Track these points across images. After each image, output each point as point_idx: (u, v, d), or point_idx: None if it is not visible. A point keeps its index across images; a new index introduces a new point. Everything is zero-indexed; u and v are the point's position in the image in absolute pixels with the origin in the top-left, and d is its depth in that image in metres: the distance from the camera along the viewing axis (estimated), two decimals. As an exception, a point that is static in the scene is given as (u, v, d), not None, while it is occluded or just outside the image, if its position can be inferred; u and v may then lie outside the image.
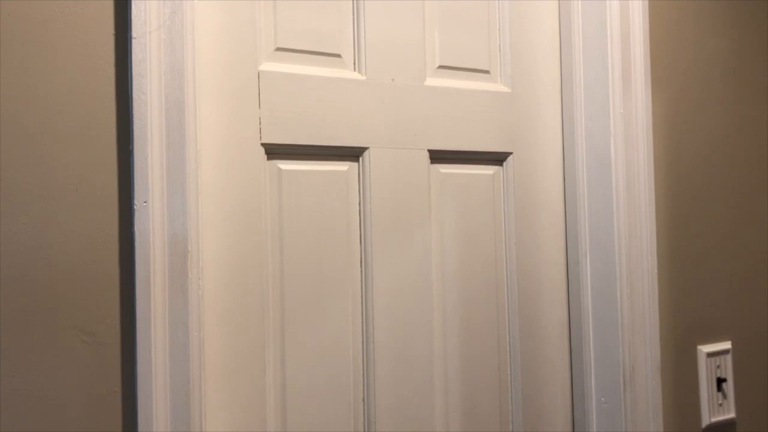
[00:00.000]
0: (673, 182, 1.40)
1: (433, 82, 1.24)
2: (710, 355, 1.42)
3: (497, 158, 1.31)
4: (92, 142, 0.94)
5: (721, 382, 1.44)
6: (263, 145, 1.09)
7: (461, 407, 1.25)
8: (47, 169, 0.91)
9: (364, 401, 1.17)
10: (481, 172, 1.30)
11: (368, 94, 1.18)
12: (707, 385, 1.41)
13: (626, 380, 1.28)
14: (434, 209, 1.24)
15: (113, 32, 0.95)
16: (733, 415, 1.45)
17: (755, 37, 1.55)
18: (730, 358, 1.45)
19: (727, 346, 1.46)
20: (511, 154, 1.32)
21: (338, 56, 1.17)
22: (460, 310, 1.26)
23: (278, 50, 1.12)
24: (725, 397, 1.44)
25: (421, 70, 1.23)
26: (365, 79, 1.18)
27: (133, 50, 0.94)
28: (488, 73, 1.31)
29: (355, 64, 1.19)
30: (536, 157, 1.34)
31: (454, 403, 1.25)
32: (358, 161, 1.18)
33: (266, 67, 1.10)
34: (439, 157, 1.25)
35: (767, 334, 1.54)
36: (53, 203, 0.92)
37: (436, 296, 1.24)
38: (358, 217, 1.18)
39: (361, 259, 1.18)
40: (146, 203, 0.94)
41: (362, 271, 1.18)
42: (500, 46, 1.32)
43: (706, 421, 1.41)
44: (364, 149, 1.17)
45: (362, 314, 1.17)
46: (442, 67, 1.26)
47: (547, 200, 1.35)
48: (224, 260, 1.05)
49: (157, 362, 0.94)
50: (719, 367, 1.44)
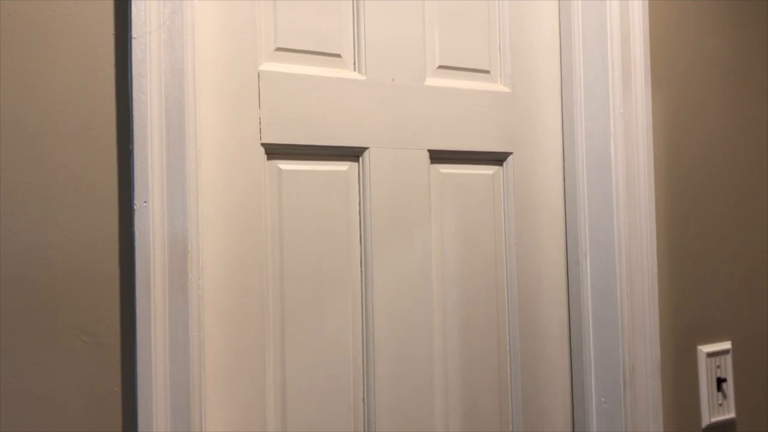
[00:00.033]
0: (673, 182, 1.40)
1: (433, 82, 1.24)
2: (710, 355, 1.42)
3: (497, 158, 1.31)
4: (92, 142, 0.94)
5: (721, 382, 1.44)
6: (263, 145, 1.09)
7: (461, 407, 1.25)
8: (47, 169, 0.91)
9: (364, 401, 1.17)
10: (481, 172, 1.30)
11: (368, 94, 1.18)
12: (707, 385, 1.41)
13: (626, 380, 1.28)
14: (434, 209, 1.24)
15: (113, 32, 0.95)
16: (733, 415, 1.45)
17: (755, 37, 1.55)
18: (730, 358, 1.45)
19: (727, 346, 1.46)
20: (511, 154, 1.32)
21: (338, 56, 1.17)
22: (460, 310, 1.26)
23: (278, 50, 1.12)
24: (725, 397, 1.44)
25: (421, 70, 1.23)
26: (365, 79, 1.18)
27: (133, 50, 0.94)
28: (488, 73, 1.31)
29: (355, 64, 1.19)
30: (536, 157, 1.34)
31: (454, 403, 1.25)
32: (358, 161, 1.18)
33: (266, 67, 1.10)
34: (439, 157, 1.25)
35: (767, 334, 1.54)
36: (53, 203, 0.92)
37: (436, 296, 1.24)
38: (358, 217, 1.18)
39: (361, 259, 1.18)
40: (146, 203, 0.94)
41: (362, 271, 1.18)
42: (500, 46, 1.32)
43: (706, 421, 1.41)
44: (364, 149, 1.17)
45: (362, 314, 1.17)
46: (442, 67, 1.26)
47: (547, 200, 1.35)
48: (224, 260, 1.05)
49: (157, 362, 0.94)
50: (719, 367, 1.44)
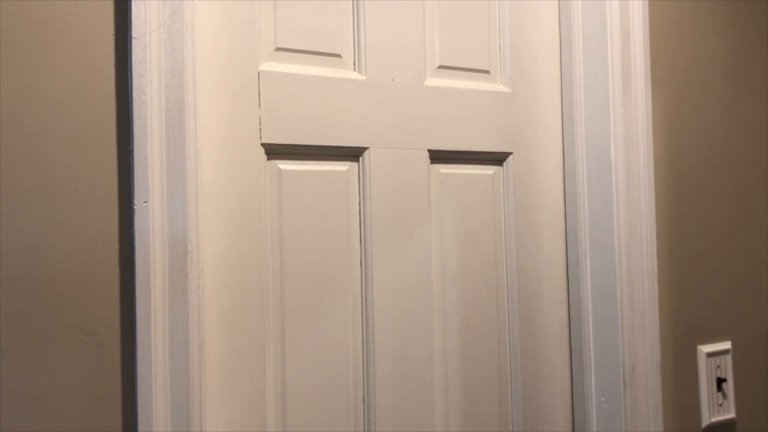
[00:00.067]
0: (673, 182, 1.40)
1: (433, 82, 1.24)
2: (710, 355, 1.42)
3: (497, 158, 1.31)
4: (92, 142, 0.94)
5: (721, 382, 1.44)
6: (263, 145, 1.09)
7: (461, 407, 1.25)
8: (47, 169, 0.91)
9: (364, 401, 1.17)
10: (481, 172, 1.30)
11: (368, 94, 1.18)
12: (707, 385, 1.41)
13: (626, 380, 1.28)
14: (434, 209, 1.24)
15: (113, 32, 0.95)
16: (733, 415, 1.45)
17: (755, 37, 1.55)
18: (730, 358, 1.45)
19: (727, 346, 1.46)
20: (511, 154, 1.32)
21: (338, 56, 1.17)
22: (460, 310, 1.26)
23: (278, 50, 1.12)
24: (725, 397, 1.44)
25: (421, 70, 1.23)
26: (365, 79, 1.18)
27: (133, 50, 0.94)
28: (488, 73, 1.31)
29: (355, 64, 1.19)
30: (536, 157, 1.34)
31: (454, 403, 1.25)
32: (358, 161, 1.18)
33: (266, 67, 1.10)
34: (439, 157, 1.25)
35: (767, 334, 1.54)
36: (53, 203, 0.92)
37: (436, 296, 1.24)
38: (358, 217, 1.18)
39: (361, 259, 1.18)
40: (146, 203, 0.94)
41: (362, 271, 1.18)
42: (500, 46, 1.32)
43: (706, 421, 1.41)
44: (364, 149, 1.17)
45: (362, 314, 1.17)
46: (442, 67, 1.26)
47: (547, 200, 1.35)
48: (224, 260, 1.05)
49: (157, 362, 0.94)
50: (719, 367, 1.44)
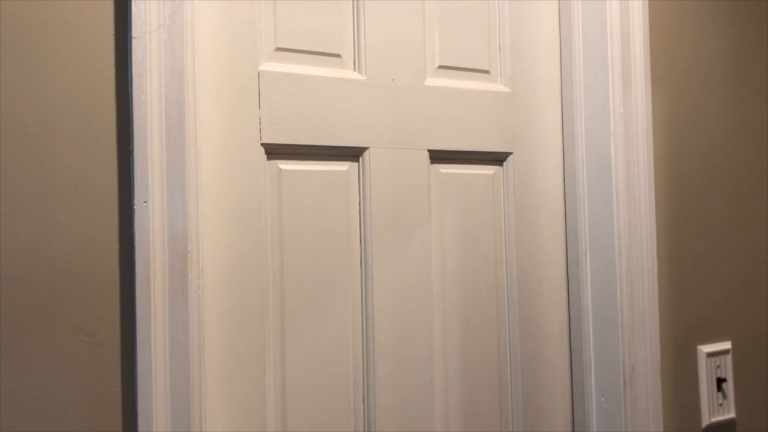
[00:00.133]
0: (673, 182, 1.40)
1: (433, 82, 1.24)
2: (710, 355, 1.42)
3: (497, 158, 1.31)
4: (92, 142, 0.94)
5: (721, 382, 1.44)
6: (263, 145, 1.09)
7: (461, 407, 1.25)
8: (47, 169, 0.91)
9: (364, 401, 1.17)
10: (481, 172, 1.30)
11: (368, 94, 1.18)
12: (707, 385, 1.41)
13: (626, 380, 1.28)
14: (434, 209, 1.24)
15: (113, 32, 0.95)
16: (733, 415, 1.45)
17: (755, 37, 1.55)
18: (730, 358, 1.45)
19: (727, 346, 1.46)
20: (511, 154, 1.32)
21: (338, 56, 1.17)
22: (460, 310, 1.26)
23: (278, 50, 1.12)
24: (725, 397, 1.44)
25: (421, 70, 1.23)
26: (365, 79, 1.18)
27: (133, 50, 0.94)
28: (488, 73, 1.31)
29: (355, 64, 1.19)
30: (536, 157, 1.34)
31: (454, 403, 1.25)
32: (358, 161, 1.18)
33: (266, 67, 1.10)
34: (439, 157, 1.25)
35: (767, 334, 1.54)
36: (53, 203, 0.92)
37: (436, 296, 1.24)
38: (358, 217, 1.18)
39: (361, 259, 1.18)
40: (146, 203, 0.94)
41: (362, 271, 1.18)
42: (500, 46, 1.32)
43: (706, 421, 1.41)
44: (364, 149, 1.17)
45: (362, 314, 1.17)
46: (442, 67, 1.26)
47: (547, 200, 1.35)
48: (224, 260, 1.05)
49: (157, 362, 0.93)
50: (719, 367, 1.44)
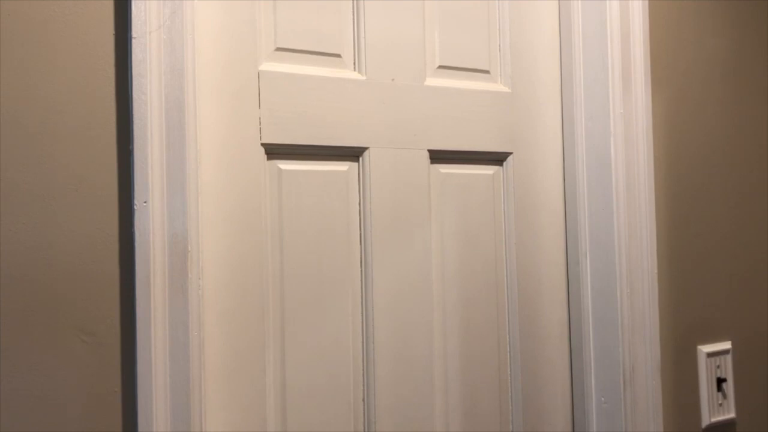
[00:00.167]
0: (673, 182, 1.40)
1: (433, 82, 1.24)
2: (710, 355, 1.42)
3: (497, 158, 1.31)
4: (92, 142, 0.94)
5: (721, 382, 1.44)
6: (263, 145, 1.09)
7: (461, 407, 1.25)
8: (47, 169, 0.91)
9: (364, 401, 1.17)
10: (481, 172, 1.30)
11: (368, 94, 1.18)
12: (707, 385, 1.41)
13: (626, 380, 1.28)
14: (434, 209, 1.24)
15: (113, 32, 0.95)
16: (733, 415, 1.45)
17: (755, 37, 1.55)
18: (730, 358, 1.45)
19: (727, 346, 1.46)
20: (511, 154, 1.32)
21: (338, 56, 1.17)
22: (460, 310, 1.26)
23: (278, 50, 1.12)
24: (725, 397, 1.44)
25: (421, 70, 1.23)
26: (365, 79, 1.18)
27: (133, 50, 0.94)
28: (488, 73, 1.31)
29: (355, 64, 1.19)
30: (536, 157, 1.34)
31: (454, 403, 1.25)
32: (358, 161, 1.18)
33: (266, 67, 1.10)
34: (439, 157, 1.25)
35: (767, 334, 1.54)
36: (53, 203, 0.92)
37: (436, 296, 1.24)
38: (358, 217, 1.18)
39: (361, 259, 1.18)
40: (146, 203, 0.94)
41: (362, 271, 1.18)
42: (500, 46, 1.32)
43: (706, 421, 1.41)
44: (364, 149, 1.17)
45: (362, 314, 1.17)
46: (442, 67, 1.26)
47: (547, 200, 1.35)
48: (224, 260, 1.05)
49: (157, 362, 0.93)
50: (719, 367, 1.44)
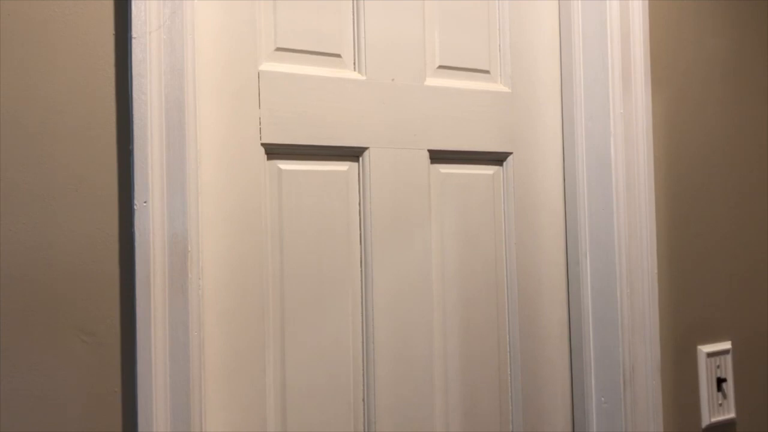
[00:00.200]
0: (673, 182, 1.40)
1: (433, 82, 1.24)
2: (710, 355, 1.42)
3: (497, 158, 1.31)
4: (92, 142, 0.94)
5: (721, 382, 1.44)
6: (263, 145, 1.09)
7: (461, 407, 1.25)
8: (47, 169, 0.91)
9: (364, 401, 1.17)
10: (481, 172, 1.30)
11: (368, 94, 1.18)
12: (707, 385, 1.41)
13: (626, 380, 1.28)
14: (434, 209, 1.24)
15: (113, 32, 0.95)
16: (733, 415, 1.45)
17: (755, 37, 1.55)
18: (730, 358, 1.45)
19: (727, 346, 1.46)
20: (511, 154, 1.32)
21: (338, 56, 1.17)
22: (460, 310, 1.26)
23: (278, 50, 1.12)
24: (725, 397, 1.44)
25: (421, 70, 1.23)
26: (365, 79, 1.18)
27: (133, 50, 0.94)
28: (488, 73, 1.31)
29: (355, 64, 1.19)
30: (536, 157, 1.34)
31: (454, 403, 1.25)
32: (358, 161, 1.18)
33: (266, 67, 1.10)
34: (439, 157, 1.25)
35: (767, 334, 1.54)
36: (53, 203, 0.92)
37: (436, 296, 1.24)
38: (358, 217, 1.18)
39: (361, 259, 1.18)
40: (146, 203, 0.94)
41: (362, 271, 1.18)
42: (500, 46, 1.32)
43: (706, 421, 1.41)
44: (364, 149, 1.17)
45: (362, 314, 1.17)
46: (442, 67, 1.26)
47: (547, 200, 1.35)
48: (224, 260, 1.05)
49: (157, 362, 0.94)
50: (719, 367, 1.44)
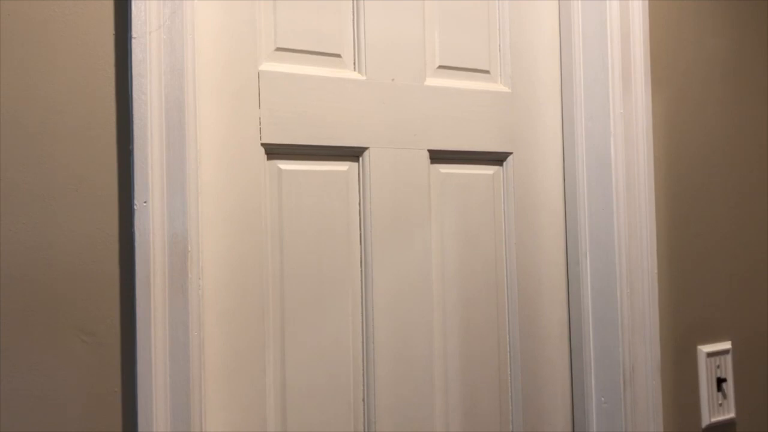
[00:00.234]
0: (673, 182, 1.40)
1: (433, 82, 1.24)
2: (710, 355, 1.42)
3: (497, 158, 1.31)
4: (92, 142, 0.94)
5: (721, 382, 1.44)
6: (263, 145, 1.09)
7: (461, 407, 1.25)
8: (47, 169, 0.91)
9: (364, 401, 1.17)
10: (481, 172, 1.30)
11: (368, 94, 1.18)
12: (707, 385, 1.41)
13: (626, 380, 1.28)
14: (434, 209, 1.24)
15: (113, 32, 0.95)
16: (733, 415, 1.45)
17: (755, 37, 1.55)
18: (730, 358, 1.45)
19: (727, 346, 1.46)
20: (511, 154, 1.32)
21: (338, 56, 1.17)
22: (460, 310, 1.26)
23: (278, 50, 1.12)
24: (725, 397, 1.44)
25: (421, 70, 1.23)
26: (365, 79, 1.18)
27: (133, 50, 0.94)
28: (488, 73, 1.31)
29: (355, 64, 1.19)
30: (536, 157, 1.34)
31: (454, 403, 1.25)
32: (358, 161, 1.18)
33: (266, 67, 1.10)
34: (439, 157, 1.25)
35: (767, 334, 1.54)
36: (53, 203, 0.92)
37: (436, 296, 1.24)
38: (358, 217, 1.18)
39: (361, 259, 1.18)
40: (146, 203, 0.94)
41: (362, 271, 1.18)
42: (500, 46, 1.32)
43: (706, 421, 1.41)
44: (364, 149, 1.17)
45: (362, 314, 1.17)
46: (442, 67, 1.26)
47: (547, 200, 1.35)
48: (224, 260, 1.05)
49: (157, 362, 0.94)
50: (719, 367, 1.44)
